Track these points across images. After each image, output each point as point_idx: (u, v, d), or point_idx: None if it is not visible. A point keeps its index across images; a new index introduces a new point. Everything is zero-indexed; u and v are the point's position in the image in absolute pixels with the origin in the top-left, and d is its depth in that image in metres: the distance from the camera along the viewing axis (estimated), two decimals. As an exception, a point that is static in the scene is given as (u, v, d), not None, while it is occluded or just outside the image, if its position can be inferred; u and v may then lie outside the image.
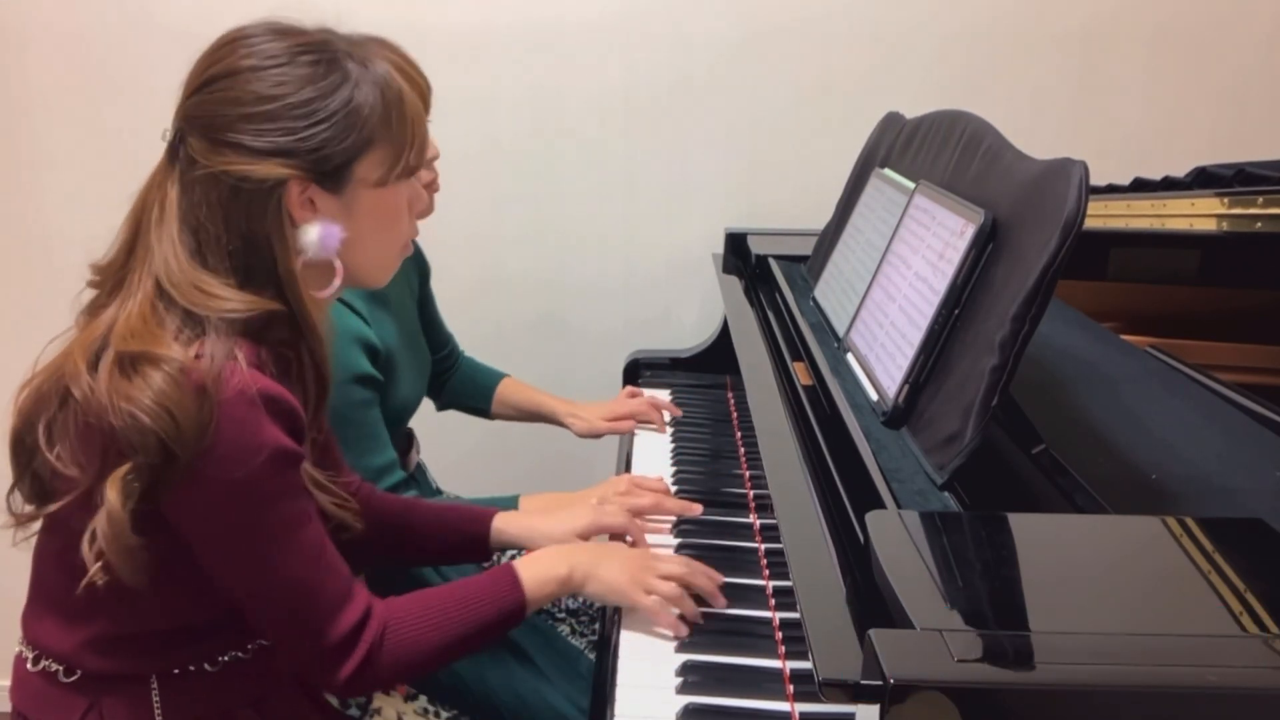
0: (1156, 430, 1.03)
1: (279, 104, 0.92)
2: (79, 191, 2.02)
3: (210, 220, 0.93)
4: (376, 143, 0.96)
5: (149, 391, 0.86)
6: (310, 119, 0.93)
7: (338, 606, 0.95)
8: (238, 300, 0.92)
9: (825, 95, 1.98)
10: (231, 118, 0.92)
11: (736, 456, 1.52)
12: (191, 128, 0.93)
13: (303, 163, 0.93)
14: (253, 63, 0.93)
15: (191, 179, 0.93)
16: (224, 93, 0.92)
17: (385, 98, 0.96)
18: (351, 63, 0.96)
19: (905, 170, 1.40)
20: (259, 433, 0.89)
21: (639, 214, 2.06)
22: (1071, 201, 0.88)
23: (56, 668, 1.01)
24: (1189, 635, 0.66)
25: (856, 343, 1.23)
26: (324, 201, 0.96)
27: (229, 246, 0.93)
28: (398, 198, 1.01)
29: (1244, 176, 1.22)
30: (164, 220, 0.94)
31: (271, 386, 0.91)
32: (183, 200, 0.93)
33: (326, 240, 0.96)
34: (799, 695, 0.97)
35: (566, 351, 2.12)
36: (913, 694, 0.59)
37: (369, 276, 1.04)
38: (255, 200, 0.92)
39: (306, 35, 0.96)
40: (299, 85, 0.92)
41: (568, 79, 1.98)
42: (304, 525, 0.95)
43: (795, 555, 0.91)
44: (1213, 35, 1.94)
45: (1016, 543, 0.79)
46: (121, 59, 1.95)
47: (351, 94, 0.94)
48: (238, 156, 0.91)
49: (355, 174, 0.96)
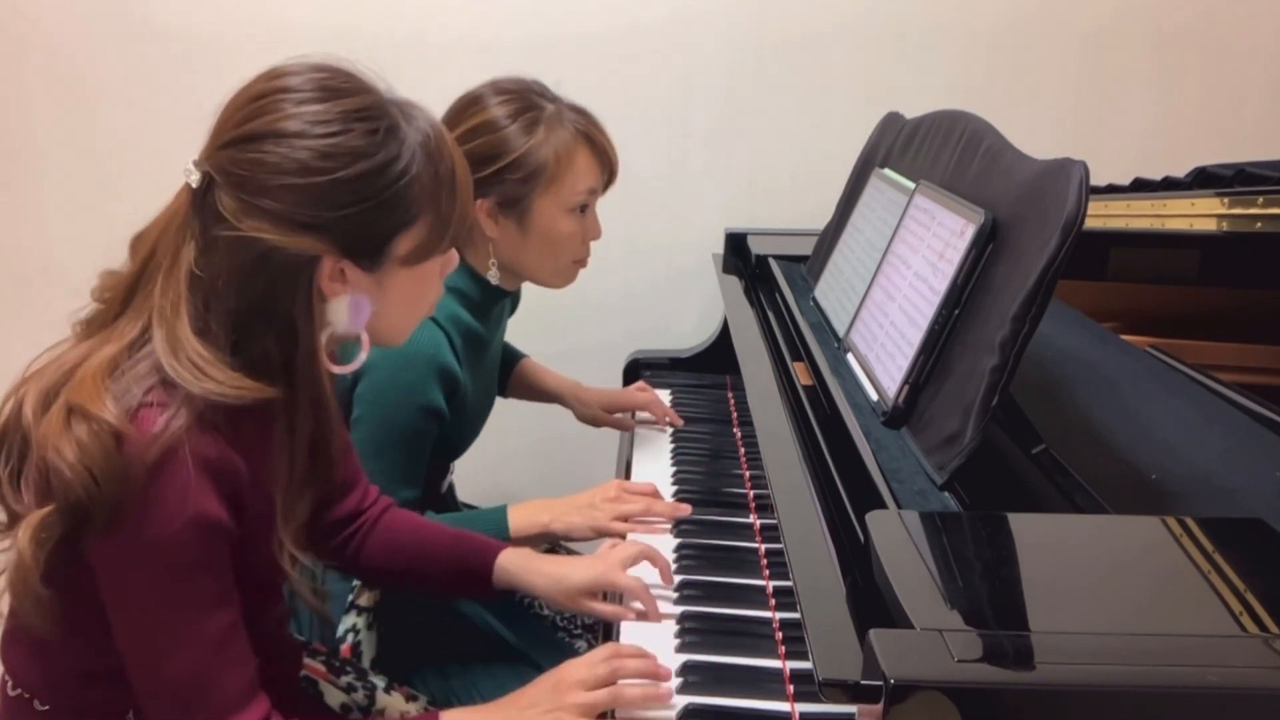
0: (1156, 430, 1.03)
1: (325, 178, 0.85)
2: (77, 195, 2.02)
3: (226, 286, 0.86)
4: (421, 218, 0.90)
5: (73, 449, 0.81)
6: (356, 195, 0.86)
7: (225, 711, 0.87)
8: (229, 384, 0.85)
9: (825, 95, 1.98)
10: (271, 185, 0.84)
11: (736, 456, 1.52)
12: (225, 181, 0.86)
13: (339, 239, 0.87)
14: (298, 126, 0.85)
15: (215, 237, 0.86)
16: (265, 155, 0.85)
17: (439, 169, 0.90)
18: (404, 127, 0.89)
19: (905, 170, 1.40)
20: (183, 494, 0.83)
21: (639, 214, 2.06)
22: (1071, 201, 0.88)
23: (30, 697, 0.97)
24: (1189, 635, 0.66)
25: (856, 343, 1.23)
26: (355, 275, 0.90)
27: (237, 317, 0.87)
28: (430, 269, 0.95)
29: (1244, 176, 1.22)
30: (174, 273, 0.87)
31: (209, 445, 0.85)
32: (200, 258, 0.86)
33: (355, 317, 0.91)
34: (799, 695, 0.97)
35: (566, 351, 2.11)
36: (913, 694, 0.59)
37: (385, 340, 0.99)
38: (284, 273, 0.86)
39: (358, 95, 0.89)
40: (350, 160, 0.86)
41: (568, 80, 1.98)
42: (215, 610, 0.87)
43: (795, 555, 0.91)
44: (1213, 36, 1.94)
45: (1016, 543, 0.79)
46: (120, 64, 1.95)
47: (405, 168, 0.88)
48: (272, 225, 0.84)
49: (394, 250, 0.90)
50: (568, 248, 1.38)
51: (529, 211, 1.33)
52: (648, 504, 1.31)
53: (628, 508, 1.30)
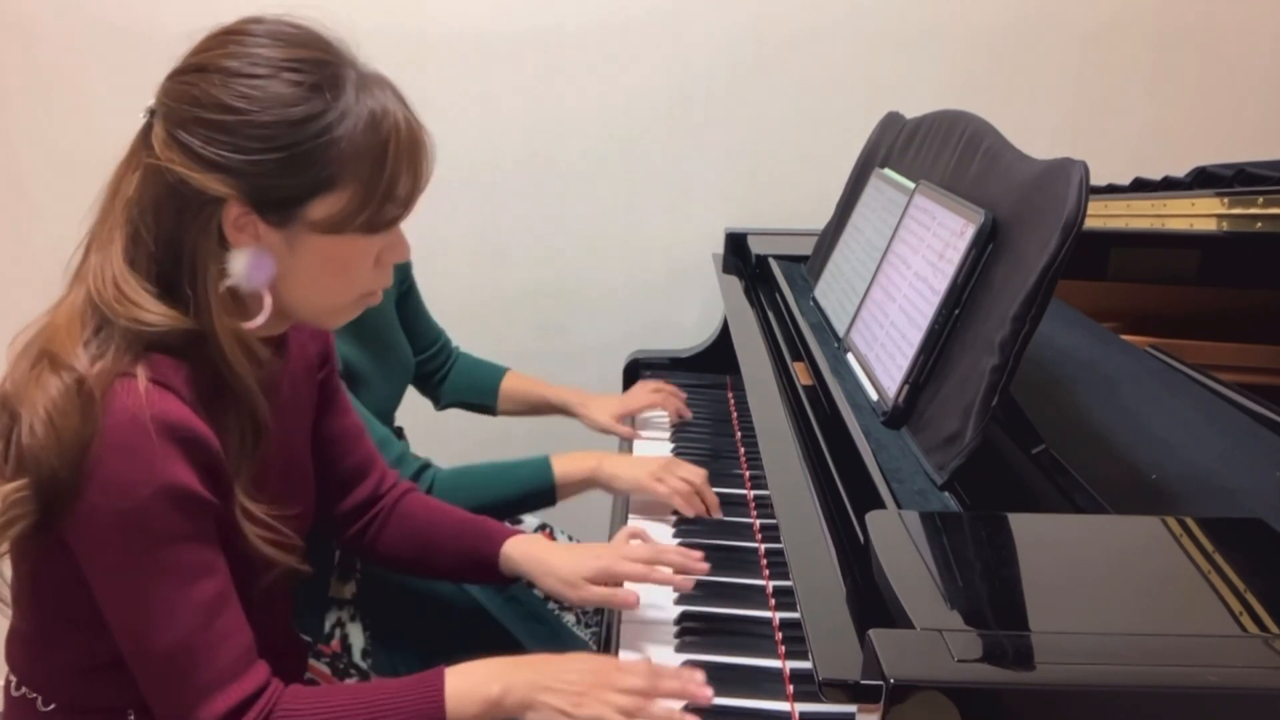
0: (1156, 430, 1.03)
1: (238, 118, 0.83)
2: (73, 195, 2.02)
3: (145, 216, 0.86)
4: (340, 185, 0.86)
5: (43, 399, 0.81)
6: (267, 143, 0.84)
7: (220, 682, 0.85)
8: (153, 312, 0.84)
9: (825, 95, 1.98)
10: (188, 116, 0.84)
11: (736, 456, 1.52)
12: (160, 112, 0.86)
13: (246, 186, 0.84)
14: (234, 65, 0.85)
15: (147, 165, 0.86)
16: (192, 87, 0.85)
17: (372, 138, 0.86)
18: (348, 92, 0.86)
19: (905, 170, 1.40)
20: (149, 464, 0.81)
21: (639, 214, 2.06)
22: (1071, 201, 0.88)
23: (34, 696, 0.97)
24: (1189, 635, 0.66)
25: (856, 343, 1.23)
26: (265, 231, 0.87)
27: (158, 249, 0.86)
28: (351, 247, 0.90)
29: (1244, 176, 1.22)
30: (115, 201, 0.88)
31: (175, 413, 0.83)
32: (136, 188, 0.87)
33: (254, 272, 0.87)
34: (799, 695, 0.97)
35: (567, 350, 2.12)
36: (913, 694, 0.59)
37: (313, 319, 0.96)
38: (189, 209, 0.85)
39: (308, 50, 0.87)
40: (268, 104, 0.84)
41: (568, 80, 1.98)
42: (198, 580, 0.85)
43: (795, 555, 0.91)
44: (1213, 35, 1.94)
45: (1016, 543, 0.79)
46: (120, 61, 1.95)
47: (325, 126, 0.85)
48: (184, 158, 0.84)
49: (304, 213, 0.87)
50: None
51: None
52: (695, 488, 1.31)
53: (678, 484, 1.30)
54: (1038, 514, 0.88)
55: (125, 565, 0.84)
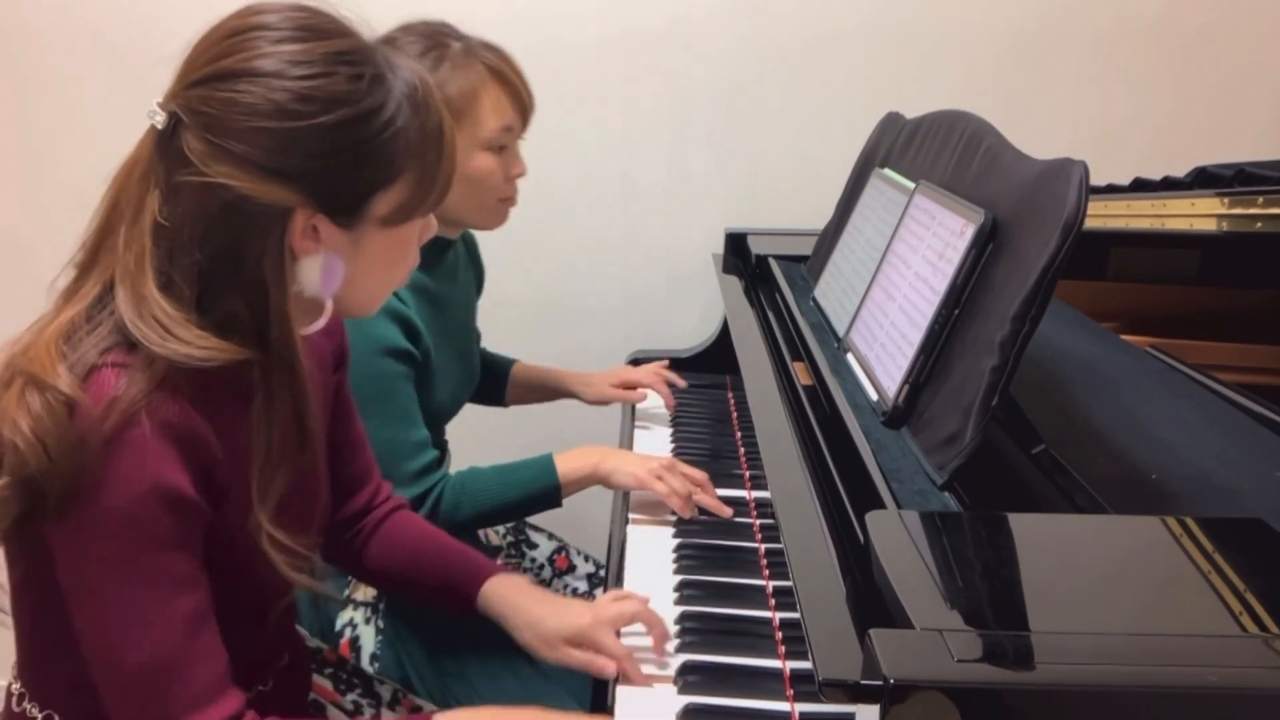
0: (1156, 430, 1.03)
1: (304, 123, 0.78)
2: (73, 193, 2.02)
3: (191, 237, 0.79)
4: (404, 176, 0.84)
5: (26, 420, 0.75)
6: (337, 145, 0.79)
7: (196, 704, 0.80)
8: (196, 345, 0.78)
9: (825, 95, 1.98)
10: (243, 127, 0.78)
11: (736, 456, 1.52)
12: (192, 122, 0.79)
13: (316, 192, 0.80)
14: (277, 66, 0.78)
15: (180, 183, 0.79)
16: (238, 95, 0.78)
17: (426, 123, 0.83)
18: (391, 75, 0.82)
19: (905, 170, 1.40)
20: (140, 461, 0.76)
21: (639, 214, 2.06)
22: (1071, 201, 0.88)
23: (35, 714, 0.92)
24: (1189, 635, 0.66)
25: (856, 343, 1.23)
26: (330, 233, 0.83)
27: (203, 272, 0.80)
28: (409, 233, 0.88)
29: (1244, 176, 1.22)
30: (137, 224, 0.80)
31: (187, 419, 0.79)
32: (165, 207, 0.80)
33: (328, 278, 0.84)
34: (799, 695, 0.97)
35: (567, 350, 2.11)
36: (913, 694, 0.59)
37: (357, 310, 0.92)
38: (252, 225, 0.79)
39: (342, 37, 0.82)
40: (331, 105, 0.79)
41: (569, 80, 1.98)
42: (183, 592, 0.80)
43: (795, 555, 0.91)
44: (1213, 35, 1.94)
45: (1016, 543, 0.79)
46: (119, 60, 1.95)
47: (390, 119, 0.81)
48: (242, 171, 0.78)
49: (372, 209, 0.84)
50: (489, 186, 1.36)
51: None
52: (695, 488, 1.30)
53: (679, 485, 1.30)
54: (1038, 514, 0.88)
55: (106, 570, 0.78)
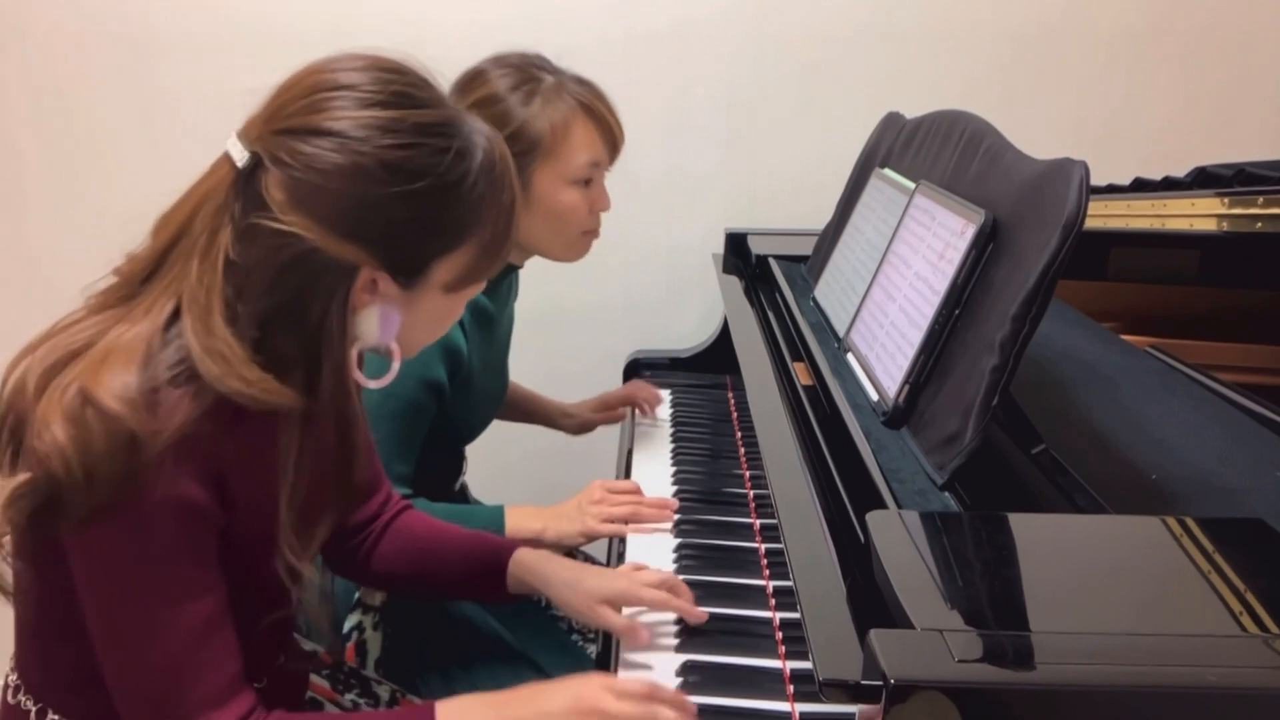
0: (1156, 430, 1.03)
1: (387, 190, 0.80)
2: (72, 194, 2.02)
3: (259, 278, 0.81)
4: (469, 244, 0.86)
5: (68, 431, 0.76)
6: (413, 212, 0.81)
7: (205, 708, 0.81)
8: (255, 387, 0.80)
9: (825, 95, 1.98)
10: (326, 185, 0.79)
11: (736, 456, 1.52)
12: (276, 169, 0.80)
13: (385, 254, 0.82)
14: (364, 132, 0.80)
15: (255, 225, 0.80)
16: (324, 153, 0.79)
17: (500, 198, 0.86)
18: (468, 139, 0.84)
19: (905, 170, 1.40)
20: (167, 481, 0.78)
21: (639, 214, 2.05)
22: (1072, 201, 0.88)
23: (30, 707, 0.93)
24: (1189, 635, 0.66)
25: (856, 343, 1.23)
26: (388, 288, 0.85)
27: (265, 313, 0.82)
28: (464, 297, 0.91)
29: (1244, 176, 1.22)
30: (210, 254, 0.82)
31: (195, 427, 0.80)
32: (237, 243, 0.81)
33: (385, 328, 0.86)
34: (799, 695, 0.97)
35: (567, 350, 2.12)
36: (913, 694, 0.59)
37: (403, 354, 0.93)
38: (320, 276, 0.81)
39: (430, 108, 0.84)
40: (417, 176, 0.81)
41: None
42: (196, 598, 0.82)
43: (795, 555, 0.91)
44: (1214, 35, 1.94)
45: (1016, 543, 0.79)
46: (117, 62, 1.95)
47: (466, 190, 0.83)
48: (318, 226, 0.79)
49: (433, 274, 0.86)
50: (573, 220, 1.36)
51: (530, 184, 1.31)
52: (634, 507, 1.30)
53: (615, 510, 1.29)
54: (1038, 514, 0.88)
55: (123, 578, 0.80)
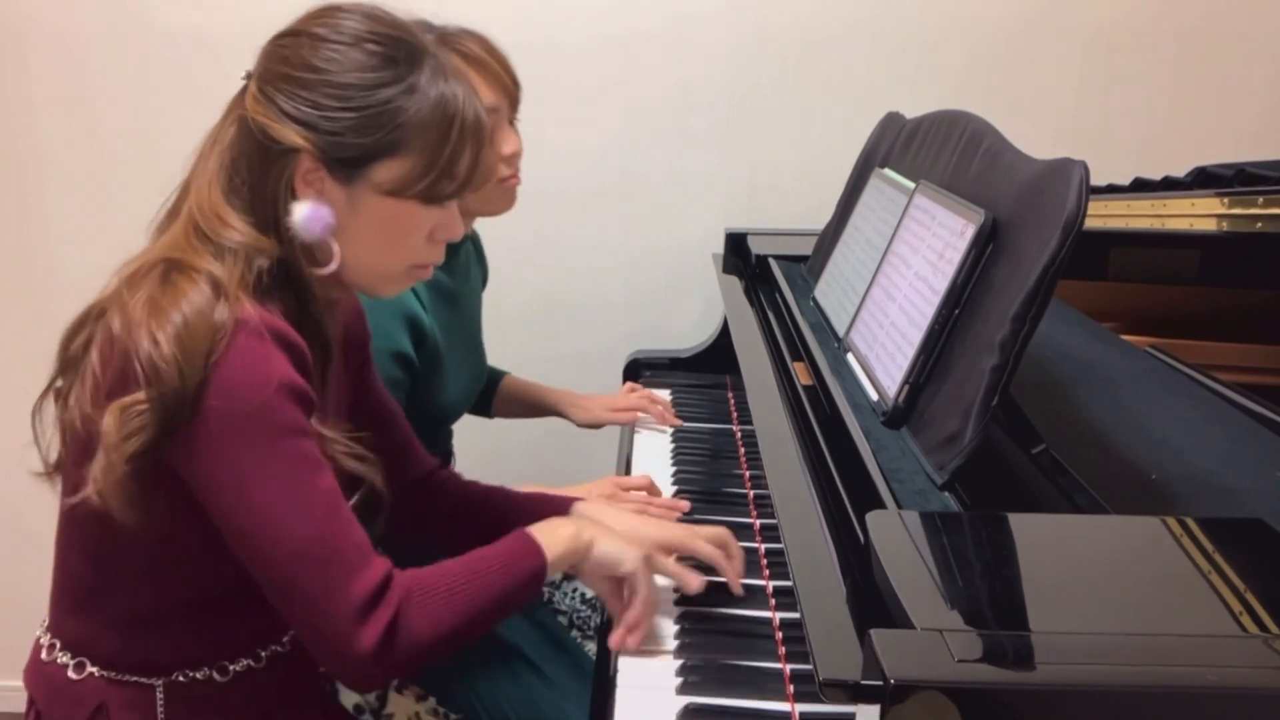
0: (1156, 430, 1.03)
1: (318, 77, 0.93)
2: (76, 193, 2.02)
3: (237, 163, 0.95)
4: (404, 152, 0.94)
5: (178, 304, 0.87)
6: (341, 103, 0.93)
7: (358, 565, 0.90)
8: (246, 236, 0.92)
9: (825, 95, 1.98)
10: (278, 74, 0.94)
11: (736, 456, 1.52)
12: (256, 71, 0.96)
13: (319, 141, 0.93)
14: (322, 33, 0.94)
15: (240, 117, 0.95)
16: (285, 50, 0.95)
17: (439, 115, 0.95)
18: (423, 72, 0.95)
19: (905, 170, 1.40)
20: (268, 363, 0.88)
21: (639, 214, 2.06)
22: (1072, 201, 0.88)
23: (68, 661, 1.00)
24: (1189, 635, 0.66)
25: (856, 343, 1.23)
26: (331, 188, 0.95)
27: (247, 191, 0.95)
28: (409, 215, 0.97)
29: (1244, 176, 1.22)
30: (212, 152, 0.96)
31: (281, 323, 0.92)
32: (233, 137, 0.96)
33: (311, 222, 0.94)
34: (799, 695, 0.97)
35: (567, 350, 2.12)
36: (913, 694, 0.59)
37: (365, 283, 1.02)
38: (270, 159, 0.93)
39: (391, 30, 0.96)
40: (345, 68, 0.93)
41: (569, 80, 1.98)
42: (318, 471, 0.91)
43: (795, 555, 0.91)
44: (1214, 36, 1.94)
45: (1016, 543, 0.79)
46: (118, 62, 1.95)
47: (396, 95, 0.93)
48: (270, 112, 0.93)
49: (369, 174, 0.95)
50: None
51: None
52: (644, 505, 1.31)
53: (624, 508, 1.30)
54: (1038, 514, 0.88)
55: (256, 461, 0.87)
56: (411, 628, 0.90)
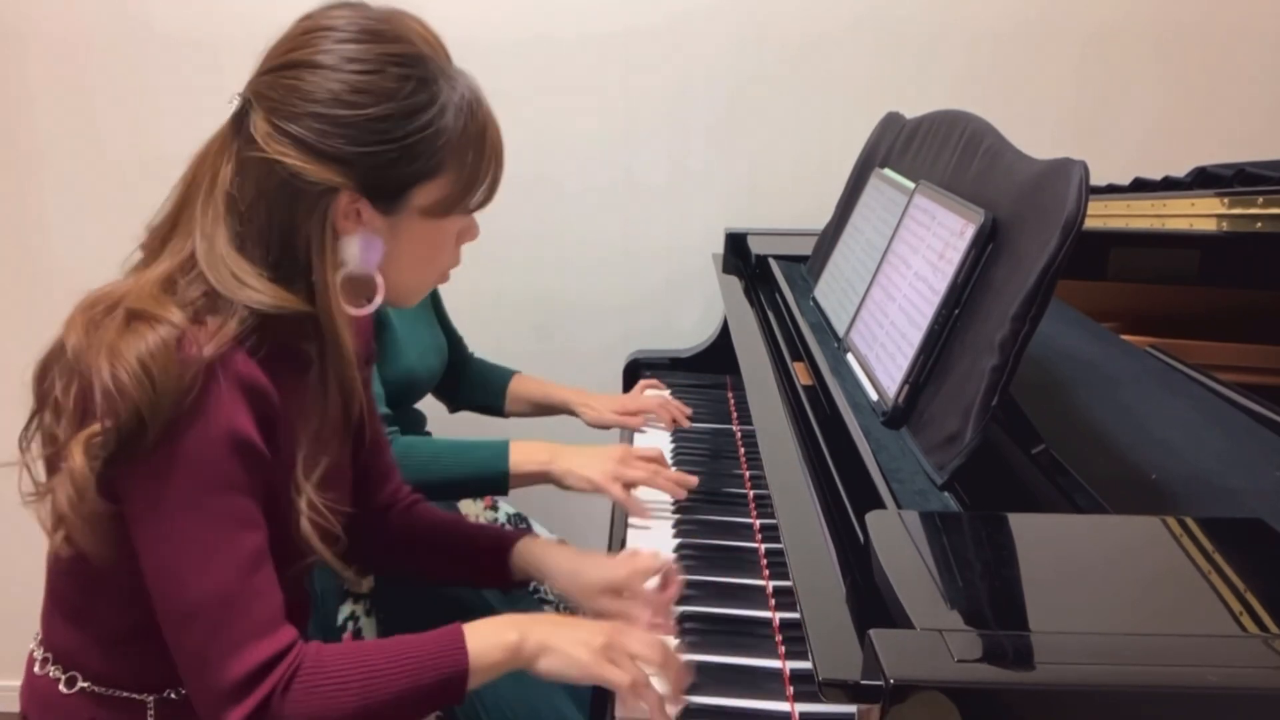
0: (1156, 430, 1.03)
1: (354, 112, 0.88)
2: (76, 193, 2.02)
3: (255, 207, 0.90)
4: (444, 172, 0.93)
5: (137, 349, 0.83)
6: (381, 136, 0.89)
7: (254, 635, 0.86)
8: (268, 294, 0.88)
9: (825, 95, 1.98)
10: (301, 110, 0.88)
11: (736, 456, 1.52)
12: (259, 105, 0.90)
13: (360, 176, 0.89)
14: (335, 61, 0.89)
15: (247, 158, 0.90)
16: (299, 83, 0.89)
17: (469, 128, 0.93)
18: (442, 82, 0.92)
19: (905, 170, 1.40)
20: (220, 412, 0.85)
21: (639, 215, 2.06)
22: (1072, 201, 0.88)
23: (59, 675, 1.00)
24: (1189, 635, 0.66)
25: (856, 343, 1.23)
26: (371, 216, 0.92)
27: (268, 238, 0.90)
28: (446, 229, 0.97)
29: (1244, 176, 1.22)
30: (213, 194, 0.91)
31: (255, 375, 0.88)
32: (235, 178, 0.90)
33: (367, 255, 0.93)
34: (799, 695, 0.97)
35: (567, 350, 2.12)
36: (913, 694, 0.59)
37: (397, 298, 1.00)
38: (302, 200, 0.89)
39: (397, 42, 0.92)
40: (379, 99, 0.89)
41: (570, 80, 1.98)
42: (246, 530, 0.88)
43: (795, 555, 0.91)
44: (1213, 35, 1.94)
45: (1016, 543, 0.79)
46: (119, 63, 1.95)
47: (433, 119, 0.91)
48: (296, 151, 0.88)
49: (411, 199, 0.93)
50: None
51: None
52: (653, 473, 1.31)
53: (632, 474, 1.30)
54: (1038, 514, 0.88)
55: (181, 508, 0.85)
56: (285, 711, 0.86)
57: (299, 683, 0.86)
